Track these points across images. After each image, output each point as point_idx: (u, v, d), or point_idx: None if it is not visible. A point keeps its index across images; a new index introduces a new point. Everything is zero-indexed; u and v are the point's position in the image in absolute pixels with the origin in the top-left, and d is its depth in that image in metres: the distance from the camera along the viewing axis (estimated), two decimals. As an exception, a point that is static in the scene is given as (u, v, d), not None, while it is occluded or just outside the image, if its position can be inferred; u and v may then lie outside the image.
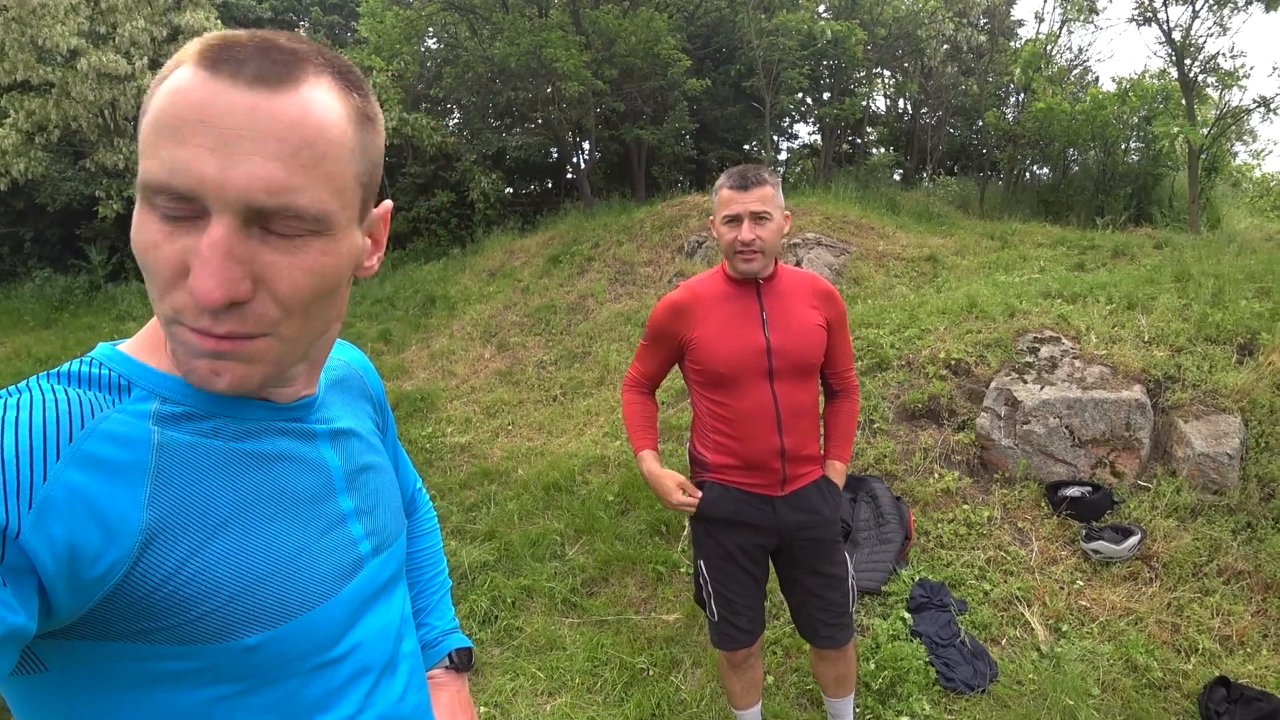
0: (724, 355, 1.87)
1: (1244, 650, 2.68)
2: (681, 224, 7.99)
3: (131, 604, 0.56)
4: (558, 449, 4.80)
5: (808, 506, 1.96)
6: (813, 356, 1.91)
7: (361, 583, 0.73)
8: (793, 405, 1.89)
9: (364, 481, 0.78)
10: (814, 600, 2.04)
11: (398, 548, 0.82)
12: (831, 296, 1.98)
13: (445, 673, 1.03)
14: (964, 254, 6.95)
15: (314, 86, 0.57)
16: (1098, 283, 4.72)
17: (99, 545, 0.53)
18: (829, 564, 2.01)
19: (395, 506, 0.84)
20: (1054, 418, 3.54)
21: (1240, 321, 3.86)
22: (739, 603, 2.01)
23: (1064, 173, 10.79)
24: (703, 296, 1.94)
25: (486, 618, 3.22)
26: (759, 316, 1.89)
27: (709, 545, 2.02)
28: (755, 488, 1.94)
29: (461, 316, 7.66)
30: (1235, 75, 8.30)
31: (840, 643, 2.07)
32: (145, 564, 0.56)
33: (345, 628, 0.71)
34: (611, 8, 10.31)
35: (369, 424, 0.86)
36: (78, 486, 0.53)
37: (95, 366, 0.61)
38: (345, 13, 14.84)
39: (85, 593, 0.54)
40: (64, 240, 12.22)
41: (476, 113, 11.60)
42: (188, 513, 0.59)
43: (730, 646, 2.05)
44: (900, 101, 13.68)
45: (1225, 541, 3.06)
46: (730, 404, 1.90)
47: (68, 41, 9.23)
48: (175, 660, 0.59)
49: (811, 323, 1.91)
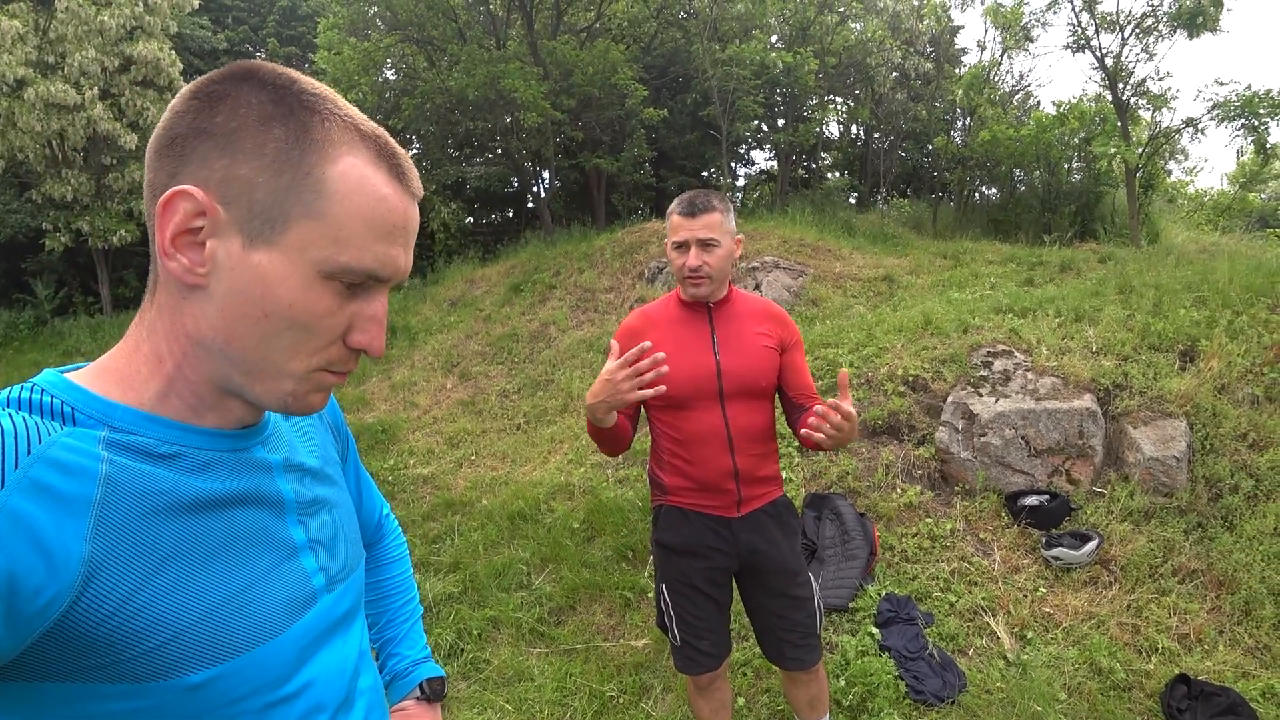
0: (675, 378, 1.85)
1: (1202, 647, 2.74)
2: (642, 250, 8.05)
3: (72, 640, 0.53)
4: (522, 477, 4.75)
5: (763, 529, 1.96)
6: (762, 379, 1.91)
7: (314, 618, 0.71)
8: (744, 427, 1.90)
9: (318, 514, 0.76)
10: (778, 621, 2.02)
11: (354, 581, 0.79)
12: (783, 320, 1.99)
13: (416, 704, 1.00)
14: (918, 273, 7.12)
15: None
16: (1046, 297, 4.87)
17: (41, 577, 0.51)
18: (791, 585, 2.00)
19: (352, 539, 0.82)
20: (1010, 429, 3.61)
21: (1180, 330, 4.01)
22: (700, 627, 1.99)
23: (1011, 192, 11.19)
24: (656, 320, 1.96)
25: (452, 651, 3.14)
26: (709, 339, 1.91)
27: (668, 570, 2.00)
28: (711, 509, 1.93)
29: (423, 347, 7.58)
30: (1164, 98, 8.72)
31: (808, 664, 2.05)
32: (88, 598, 0.53)
33: (296, 665, 0.68)
34: (569, 39, 10.46)
35: (326, 453, 0.84)
36: (21, 515, 0.51)
37: (39, 393, 0.59)
38: (302, 44, 14.79)
39: (24, 627, 0.51)
40: (8, 274, 11.84)
41: (436, 143, 11.60)
42: (133, 546, 0.57)
43: (694, 671, 2.02)
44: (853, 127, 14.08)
45: (1178, 542, 3.14)
46: (682, 426, 1.91)
47: (14, 71, 9.04)
48: (117, 700, 0.56)
49: (761, 345, 1.92)
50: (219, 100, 0.60)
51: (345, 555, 0.78)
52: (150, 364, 0.63)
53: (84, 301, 11.31)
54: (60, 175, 10.13)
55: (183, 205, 0.59)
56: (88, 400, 0.60)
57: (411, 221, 0.66)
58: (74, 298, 11.33)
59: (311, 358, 0.64)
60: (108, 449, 0.58)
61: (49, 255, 10.47)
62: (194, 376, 0.64)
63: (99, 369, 0.63)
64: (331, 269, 0.61)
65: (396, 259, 0.64)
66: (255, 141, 0.60)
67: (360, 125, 0.63)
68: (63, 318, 10.62)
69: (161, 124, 0.62)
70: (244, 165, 0.59)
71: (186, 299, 0.62)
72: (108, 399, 0.60)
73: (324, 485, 0.79)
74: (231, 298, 0.60)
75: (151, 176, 0.62)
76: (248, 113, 0.60)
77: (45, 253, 10.42)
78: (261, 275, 0.60)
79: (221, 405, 0.66)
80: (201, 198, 0.59)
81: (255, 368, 0.63)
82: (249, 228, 0.60)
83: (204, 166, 0.60)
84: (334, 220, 0.61)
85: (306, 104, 0.61)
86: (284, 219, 0.60)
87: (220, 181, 0.59)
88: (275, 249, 0.60)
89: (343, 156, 0.61)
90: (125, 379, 0.63)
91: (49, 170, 10.18)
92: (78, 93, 9.57)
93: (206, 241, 0.60)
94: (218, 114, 0.60)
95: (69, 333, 9.78)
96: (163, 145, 0.61)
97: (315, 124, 0.61)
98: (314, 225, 0.60)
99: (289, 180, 0.60)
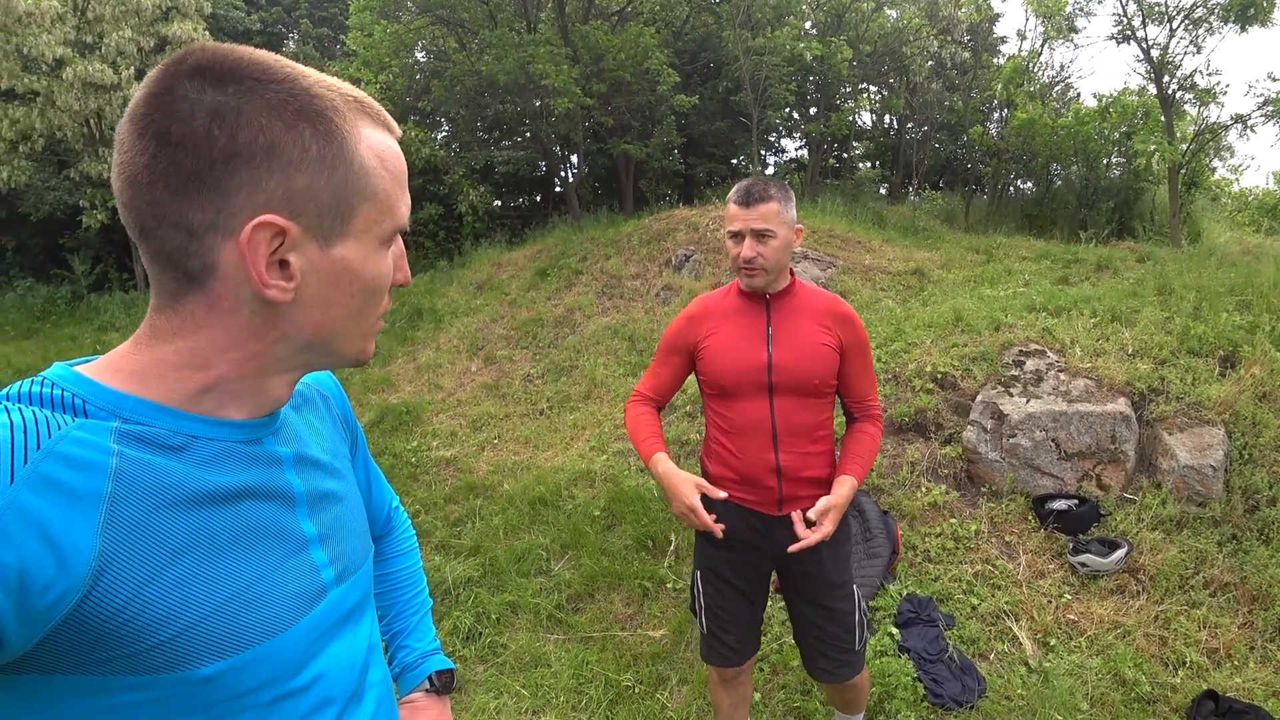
0: (726, 367, 1.87)
1: (1231, 663, 2.68)
2: (669, 237, 8.00)
3: (84, 634, 0.54)
4: (544, 463, 4.77)
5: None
6: (815, 376, 1.85)
7: (324, 611, 0.71)
8: (791, 424, 1.86)
9: (327, 507, 0.76)
10: (812, 630, 1.99)
11: (363, 575, 0.80)
12: (848, 320, 1.90)
13: (425, 696, 1.00)
14: (949, 268, 7.00)
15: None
16: (1082, 296, 4.76)
17: (51, 573, 0.51)
18: (828, 596, 1.94)
19: (360, 533, 0.82)
20: (1040, 431, 3.54)
21: (1222, 334, 3.89)
22: (726, 620, 1.99)
23: (1047, 187, 10.93)
24: (714, 310, 1.95)
25: (470, 634, 3.17)
26: (764, 332, 1.88)
27: (704, 558, 2.00)
28: (751, 504, 1.90)
29: (448, 329, 7.63)
30: (1211, 92, 8.44)
31: (839, 679, 2.00)
32: (99, 592, 0.54)
33: (306, 657, 0.68)
34: (600, 23, 10.38)
35: (335, 446, 0.84)
36: (31, 511, 0.51)
37: (48, 387, 0.59)
38: (334, 25, 14.86)
39: (36, 622, 0.51)
40: (47, 250, 12.10)
41: (465, 126, 11.61)
42: (144, 540, 0.57)
43: (716, 662, 2.03)
44: (886, 117, 13.85)
45: (1211, 554, 3.07)
46: (730, 417, 1.90)
47: (53, 51, 9.18)
48: (129, 692, 0.57)
49: (819, 343, 1.86)
50: (222, 116, 0.57)
51: (354, 549, 0.78)
52: (186, 369, 0.62)
53: (119, 278, 11.53)
54: (97, 154, 10.31)
55: (263, 235, 0.59)
56: (98, 392, 0.59)
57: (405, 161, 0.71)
58: (109, 274, 11.55)
59: (379, 311, 0.70)
60: (119, 441, 0.57)
61: (85, 232, 10.67)
62: (249, 372, 0.65)
63: (113, 367, 0.62)
64: (388, 235, 0.67)
65: (409, 200, 0.70)
66: (296, 150, 0.60)
67: (349, 94, 0.65)
68: (98, 293, 10.83)
69: (156, 161, 0.57)
70: (298, 177, 0.60)
71: (266, 313, 0.63)
72: (119, 390, 0.60)
73: (333, 479, 0.79)
74: (321, 295, 0.64)
75: (180, 219, 0.58)
76: (268, 122, 0.58)
77: (82, 229, 10.63)
78: (346, 266, 0.64)
79: (259, 395, 0.67)
80: (279, 222, 0.59)
81: (338, 341, 0.68)
82: (321, 230, 0.62)
83: (257, 190, 0.59)
84: (382, 193, 0.65)
85: (309, 92, 0.61)
86: (350, 210, 0.63)
87: (283, 199, 0.60)
88: (350, 238, 0.64)
89: (361, 132, 0.64)
90: (147, 379, 0.62)
91: (86, 148, 10.37)
92: (114, 72, 9.71)
93: (288, 257, 0.61)
94: (237, 134, 0.57)
95: (104, 308, 9.98)
96: (180, 184, 0.57)
97: (330, 112, 0.62)
98: (371, 205, 0.65)
99: (342, 175, 0.62)
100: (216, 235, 0.59)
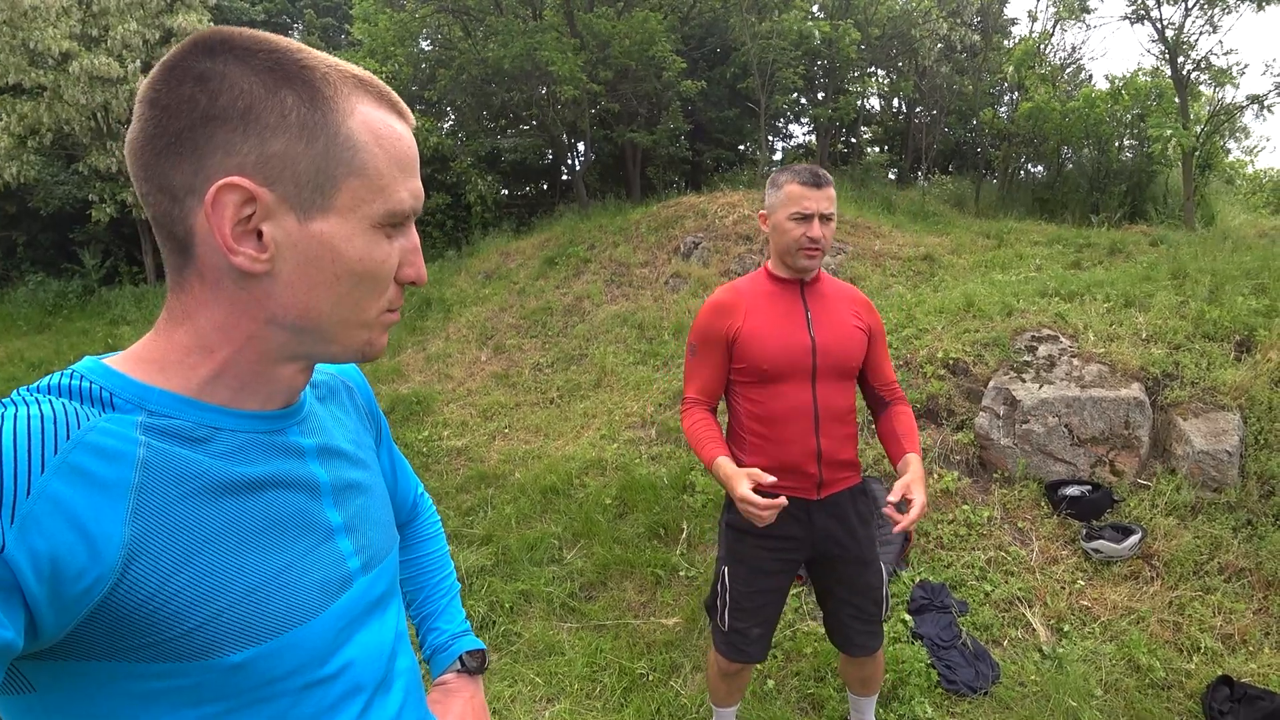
0: (770, 352, 1.86)
1: (1246, 649, 2.67)
2: (677, 225, 7.97)
3: (116, 621, 0.55)
4: (555, 452, 4.78)
5: (842, 515, 1.94)
6: (854, 359, 1.91)
7: (351, 599, 0.72)
8: (831, 408, 1.89)
9: (352, 497, 0.76)
10: (847, 608, 2.02)
11: (389, 564, 0.80)
12: (870, 307, 2.00)
13: (457, 677, 1.00)
14: (960, 253, 6.95)
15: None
16: (1094, 280, 4.72)
17: (83, 561, 0.52)
18: (864, 573, 2.00)
19: (386, 522, 0.82)
20: (1053, 416, 3.52)
21: (1237, 318, 3.86)
22: (754, 619, 1.97)
23: (1059, 170, 10.82)
24: (747, 294, 1.94)
25: (484, 623, 3.19)
26: (804, 316, 1.90)
27: (737, 552, 1.97)
28: (790, 491, 1.87)
29: (457, 319, 7.64)
30: (1228, 73, 8.32)
31: (872, 650, 2.06)
32: (129, 580, 0.55)
33: (335, 645, 0.69)
34: (606, 10, 10.30)
35: (360, 437, 0.84)
36: (62, 499, 0.52)
37: (78, 379, 0.60)
38: (339, 15, 14.80)
39: (69, 610, 0.52)
40: (57, 244, 12.15)
41: (471, 114, 11.58)
42: (171, 528, 0.58)
43: (735, 658, 2.01)
44: (895, 101, 13.71)
45: (1226, 539, 3.05)
46: (769, 404, 1.89)
47: (59, 44, 9.18)
48: (160, 679, 0.58)
49: (853, 325, 1.93)
50: (206, 80, 0.58)
51: (380, 538, 0.79)
52: (195, 354, 0.63)
53: (129, 271, 11.58)
54: (105, 147, 10.32)
55: (230, 198, 0.58)
56: (125, 385, 0.60)
57: (416, 153, 0.69)
58: (119, 267, 11.60)
59: (379, 303, 0.67)
60: (145, 433, 0.58)
61: (95, 226, 10.70)
62: (252, 357, 0.65)
63: (136, 357, 0.63)
64: (381, 217, 0.64)
65: (419, 189, 0.67)
66: (275, 114, 0.59)
67: (349, 71, 0.63)
68: (109, 287, 10.88)
69: (147, 125, 0.59)
70: (275, 141, 0.59)
71: (248, 288, 0.62)
72: (146, 383, 0.61)
73: (358, 469, 0.79)
74: (300, 273, 0.62)
75: (164, 181, 0.59)
76: (250, 86, 0.58)
77: (91, 223, 10.65)
78: (326, 242, 0.61)
79: (271, 383, 0.67)
80: (247, 185, 0.58)
81: (331, 329, 0.65)
82: (299, 201, 0.60)
83: (231, 153, 0.58)
84: (374, 171, 0.62)
85: (300, 61, 0.60)
86: (332, 183, 0.61)
87: (256, 164, 0.58)
88: (331, 214, 0.61)
89: (355, 106, 0.62)
90: (166, 367, 0.63)
91: (94, 142, 10.38)
92: (120, 65, 9.69)
93: (261, 227, 0.59)
94: (218, 96, 0.58)
95: (115, 301, 10.03)
96: (164, 146, 0.58)
97: (319, 81, 0.60)
98: (359, 181, 0.62)
99: (324, 145, 0.60)
100: (193, 199, 0.59)
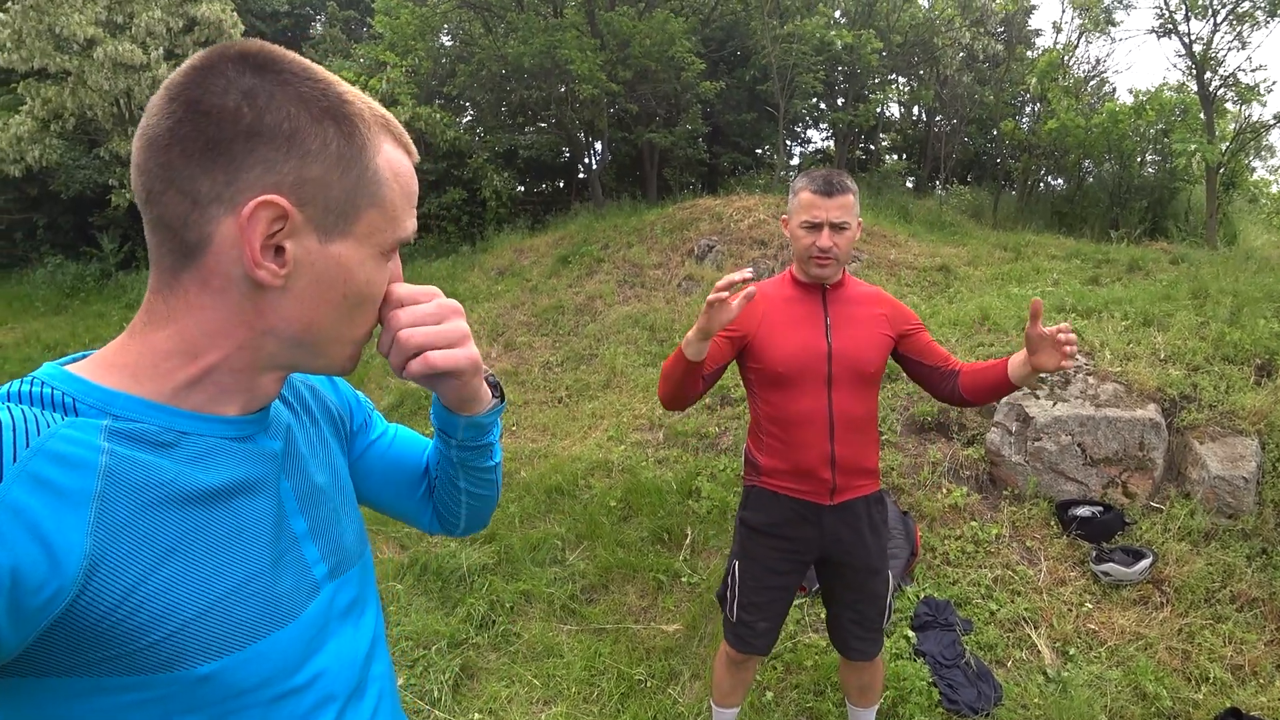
0: (784, 355, 1.86)
1: (1256, 680, 2.62)
2: (692, 227, 7.95)
3: (77, 634, 0.54)
4: (561, 451, 4.77)
5: (853, 522, 1.94)
6: (871, 364, 1.89)
7: (319, 606, 0.71)
8: (847, 415, 1.88)
9: (318, 502, 0.76)
10: (850, 613, 2.04)
11: (359, 569, 0.80)
12: (897, 306, 1.98)
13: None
14: (976, 264, 6.88)
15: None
16: (1113, 298, 4.66)
17: (44, 572, 0.51)
18: (870, 581, 2.01)
19: (354, 526, 0.81)
20: (1066, 435, 3.48)
21: (1259, 341, 3.79)
22: (761, 613, 2.01)
23: (1079, 184, 10.70)
24: (769, 296, 1.94)
25: (484, 622, 3.18)
26: (823, 321, 1.89)
27: (748, 548, 2.01)
28: (802, 494, 1.92)
29: (469, 314, 7.57)
30: (1255, 90, 8.20)
31: (870, 655, 2.08)
32: (91, 592, 0.53)
33: (305, 655, 0.68)
34: (626, 9, 10.28)
35: (324, 439, 0.83)
36: (22, 509, 0.50)
37: (38, 386, 0.59)
38: (361, 8, 14.87)
39: (29, 622, 0.51)
40: (76, 227, 12.29)
41: (489, 110, 11.59)
42: (135, 538, 0.56)
43: (742, 649, 2.05)
44: (914, 109, 13.61)
45: (1239, 567, 3.00)
46: (785, 407, 1.89)
47: (85, 30, 9.27)
48: (125, 693, 0.57)
49: (877, 332, 1.91)
50: (254, 96, 0.59)
51: (349, 543, 0.78)
52: (175, 358, 0.62)
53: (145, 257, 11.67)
54: (127, 133, 10.40)
55: (265, 214, 0.60)
56: (88, 390, 0.59)
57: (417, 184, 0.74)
58: (137, 252, 11.69)
59: (369, 323, 0.71)
60: (109, 439, 0.57)
61: (114, 211, 10.79)
62: (239, 365, 0.64)
63: (106, 363, 0.62)
64: (389, 246, 0.68)
65: (414, 222, 0.72)
66: (318, 142, 0.62)
67: (379, 112, 0.68)
68: (126, 271, 10.98)
69: (179, 125, 0.58)
70: (314, 167, 0.61)
71: (255, 299, 0.62)
72: (110, 388, 0.60)
73: (323, 473, 0.79)
74: (312, 290, 0.64)
75: (188, 184, 0.59)
76: (297, 111, 0.61)
77: (111, 208, 10.75)
78: (342, 264, 0.65)
79: (250, 390, 0.67)
80: (284, 204, 0.60)
81: (324, 344, 0.68)
82: (324, 224, 0.63)
83: (270, 171, 0.60)
84: (390, 204, 0.67)
85: (343, 97, 0.64)
86: (355, 211, 0.64)
87: (294, 185, 0.61)
88: (350, 239, 0.65)
89: (382, 145, 0.67)
90: (138, 372, 0.62)
91: (116, 128, 10.48)
92: (144, 53, 9.78)
93: (285, 244, 0.61)
94: (264, 114, 0.60)
95: (131, 286, 10.12)
96: (197, 150, 0.59)
97: (357, 118, 0.64)
98: (377, 212, 0.66)
99: (356, 177, 0.64)
100: (219, 207, 0.59)
